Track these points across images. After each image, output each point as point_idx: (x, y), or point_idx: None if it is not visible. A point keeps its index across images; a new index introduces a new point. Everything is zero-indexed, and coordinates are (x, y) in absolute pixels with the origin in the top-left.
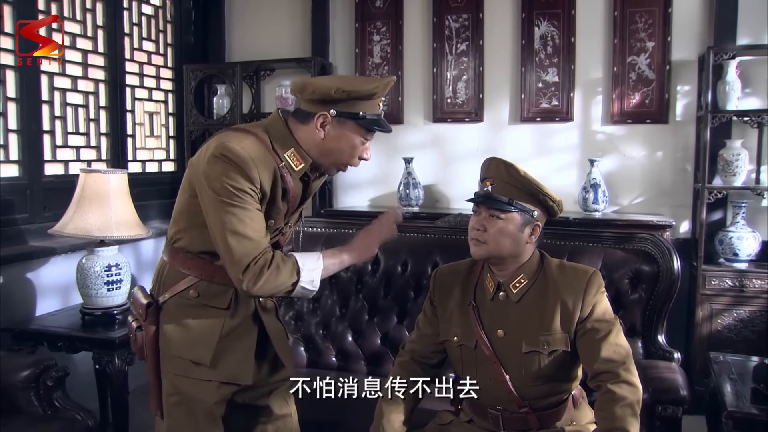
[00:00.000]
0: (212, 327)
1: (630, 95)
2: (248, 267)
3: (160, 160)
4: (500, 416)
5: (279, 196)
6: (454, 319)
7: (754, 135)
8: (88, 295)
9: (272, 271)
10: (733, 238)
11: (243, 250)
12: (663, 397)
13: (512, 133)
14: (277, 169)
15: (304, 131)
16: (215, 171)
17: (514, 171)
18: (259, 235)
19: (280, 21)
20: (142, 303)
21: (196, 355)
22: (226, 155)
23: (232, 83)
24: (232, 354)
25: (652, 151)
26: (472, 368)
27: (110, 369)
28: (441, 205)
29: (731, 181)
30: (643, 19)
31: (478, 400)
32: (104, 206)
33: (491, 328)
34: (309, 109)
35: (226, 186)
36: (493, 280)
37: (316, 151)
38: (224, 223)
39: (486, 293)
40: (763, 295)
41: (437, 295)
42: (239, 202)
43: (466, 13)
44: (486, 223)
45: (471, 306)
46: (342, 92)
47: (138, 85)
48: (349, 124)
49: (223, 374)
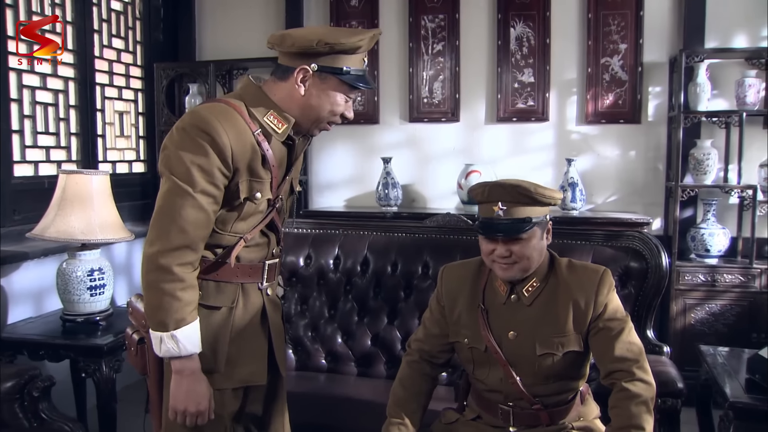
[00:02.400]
0: (221, 330)
1: (604, 96)
2: (164, 254)
3: (131, 160)
4: (511, 412)
5: (259, 164)
6: (463, 321)
7: (722, 135)
8: (69, 300)
9: (173, 288)
10: (705, 234)
11: (176, 241)
12: (661, 390)
13: (488, 133)
14: (252, 135)
15: (282, 89)
16: (179, 145)
17: (524, 190)
18: (197, 238)
19: (253, 19)
20: (143, 313)
21: (207, 363)
22: (194, 123)
23: (205, 82)
24: (245, 355)
25: (625, 151)
26: (484, 368)
27: (97, 377)
28: (417, 204)
29: (702, 180)
30: (616, 21)
31: (488, 397)
32: (87, 209)
33: (503, 331)
34: (288, 63)
35: (188, 166)
36: (505, 284)
37: (296, 110)
38: (171, 206)
39: (497, 296)
40: (733, 290)
41: (445, 294)
42: (197, 193)
43: (442, 14)
44: (510, 247)
45: (480, 309)
46: (324, 44)
47: (108, 84)
48: (331, 80)
49: (237, 379)
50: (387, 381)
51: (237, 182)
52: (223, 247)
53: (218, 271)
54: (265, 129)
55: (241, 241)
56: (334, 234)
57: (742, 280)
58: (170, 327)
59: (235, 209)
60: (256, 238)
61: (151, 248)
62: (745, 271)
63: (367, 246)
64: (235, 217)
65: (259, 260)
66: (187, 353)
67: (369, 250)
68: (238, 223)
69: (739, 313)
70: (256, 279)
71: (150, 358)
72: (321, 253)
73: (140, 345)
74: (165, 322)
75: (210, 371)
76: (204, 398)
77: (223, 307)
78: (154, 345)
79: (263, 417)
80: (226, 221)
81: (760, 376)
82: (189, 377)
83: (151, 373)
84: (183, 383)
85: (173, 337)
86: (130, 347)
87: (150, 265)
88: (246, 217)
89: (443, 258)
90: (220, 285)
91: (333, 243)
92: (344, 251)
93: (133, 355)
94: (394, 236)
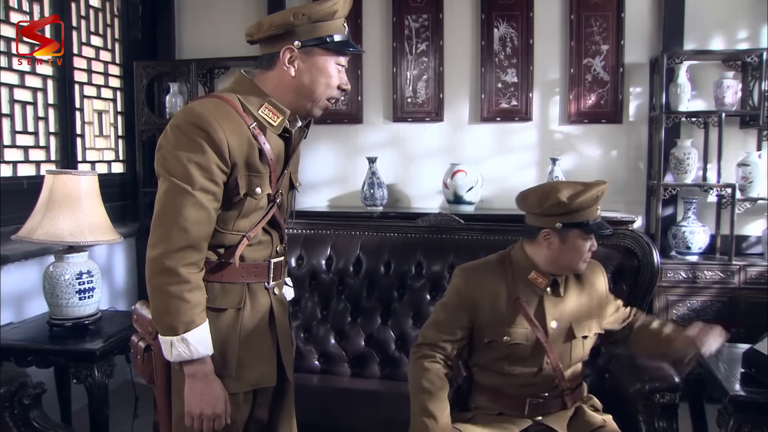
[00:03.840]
0: (229, 332)
1: (586, 96)
2: (168, 256)
3: (110, 161)
4: (541, 404)
5: (256, 158)
6: (501, 319)
7: (701, 135)
8: (57, 304)
9: (180, 290)
10: (686, 232)
11: (178, 241)
12: (659, 385)
13: (472, 133)
14: (248, 129)
15: (272, 78)
16: (175, 144)
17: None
18: (200, 237)
19: (234, 18)
20: (150, 319)
21: (218, 368)
22: (188, 120)
23: (186, 81)
24: (254, 358)
25: (607, 150)
26: (520, 363)
27: (89, 383)
28: (402, 204)
29: (683, 179)
30: (598, 23)
31: (514, 393)
32: (76, 210)
33: (545, 322)
34: (270, 49)
35: (186, 164)
36: (544, 277)
37: (291, 95)
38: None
39: (533, 289)
40: (713, 286)
41: (475, 295)
42: (196, 191)
43: (425, 13)
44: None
45: (519, 301)
46: (302, 15)
47: (87, 82)
48: (317, 52)
49: (248, 382)
50: (381, 381)
51: (236, 177)
52: (225, 246)
53: (223, 272)
54: (260, 122)
55: (244, 240)
56: (325, 234)
57: (721, 276)
58: (180, 330)
59: (236, 206)
60: (258, 236)
61: (153, 251)
62: (725, 267)
63: (359, 246)
64: (237, 214)
65: (264, 259)
66: (199, 356)
67: (361, 250)
68: (239, 221)
69: (719, 308)
70: (262, 278)
71: (157, 365)
72: (313, 253)
73: (147, 353)
74: (174, 325)
75: (220, 376)
76: (219, 401)
77: (229, 309)
78: (164, 350)
79: (270, 423)
80: (227, 219)
81: (756, 370)
82: (202, 380)
83: (159, 381)
84: (197, 387)
85: (184, 340)
86: (137, 355)
87: (154, 269)
88: (247, 214)
89: (436, 257)
90: (225, 286)
91: (325, 243)
92: (336, 251)
93: (140, 364)
94: (386, 236)
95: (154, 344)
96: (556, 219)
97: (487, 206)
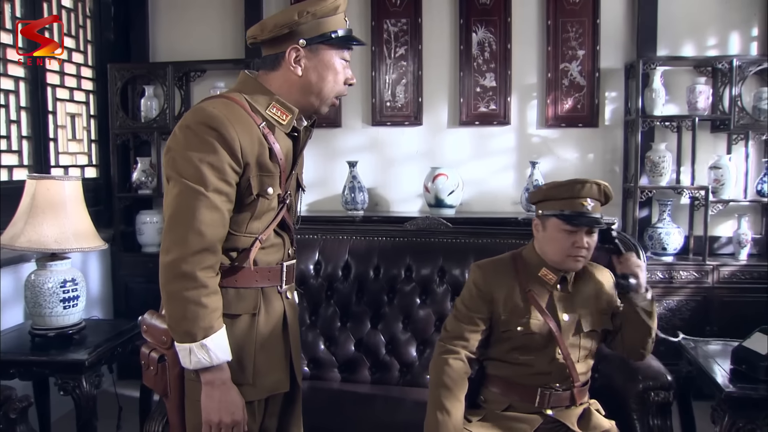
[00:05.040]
0: (246, 339)
1: (563, 100)
2: (184, 260)
3: (83, 165)
4: (550, 394)
5: (267, 157)
6: (516, 310)
7: (674, 138)
8: (40, 314)
9: (197, 295)
10: (662, 233)
11: (194, 245)
12: (652, 383)
13: (451, 137)
14: (258, 129)
15: (277, 78)
16: (186, 145)
17: (608, 191)
18: (215, 239)
19: (210, 21)
20: (163, 329)
21: (234, 376)
22: (199, 120)
23: (163, 84)
24: (270, 363)
25: (584, 154)
26: (533, 353)
27: (77, 394)
28: (381, 208)
29: (658, 181)
30: (574, 28)
31: (527, 382)
32: (60, 216)
33: (556, 314)
34: (274, 50)
35: (198, 165)
36: (554, 274)
37: (299, 93)
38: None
39: (544, 285)
40: (689, 285)
41: (491, 287)
42: (210, 192)
43: (404, 18)
44: (588, 240)
45: (531, 294)
46: (307, 14)
47: (59, 85)
48: (322, 50)
49: (264, 389)
50: (372, 386)
51: (248, 177)
52: (239, 250)
53: (237, 277)
54: (269, 121)
55: (256, 243)
56: (312, 239)
57: (696, 276)
58: (199, 336)
59: (249, 208)
60: (271, 239)
61: (168, 256)
62: (699, 267)
63: (347, 250)
64: (250, 216)
65: (277, 262)
66: (219, 362)
67: (350, 255)
68: (253, 223)
69: (694, 307)
70: (276, 282)
71: (171, 376)
72: (301, 258)
73: (161, 363)
74: (192, 332)
75: (237, 384)
76: (238, 408)
77: (244, 314)
78: (182, 358)
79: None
80: (240, 222)
81: (746, 366)
82: (220, 387)
83: (172, 393)
84: (215, 394)
85: (203, 346)
86: (149, 367)
87: (169, 274)
88: (260, 216)
89: (426, 261)
90: (240, 291)
91: (313, 248)
92: (324, 256)
93: (153, 375)
94: (374, 240)
95: (168, 354)
96: (539, 207)
97: (466, 209)
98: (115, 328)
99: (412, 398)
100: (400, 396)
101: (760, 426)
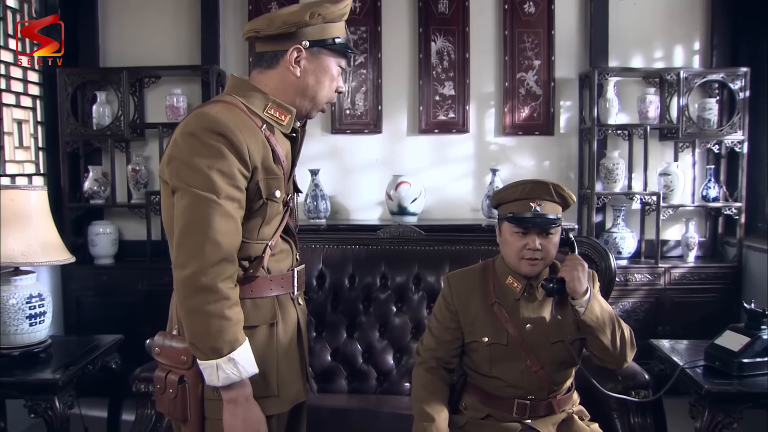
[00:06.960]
0: (267, 350)
1: (520, 109)
2: (204, 273)
3: (30, 174)
4: (528, 405)
5: (271, 160)
6: (479, 321)
7: (626, 146)
8: (4, 332)
9: (220, 308)
10: (617, 238)
11: (212, 256)
12: (632, 383)
13: (411, 144)
14: (260, 131)
15: (273, 78)
16: (191, 153)
17: (561, 190)
18: (232, 248)
19: (163, 25)
20: (181, 348)
21: (259, 389)
22: (203, 126)
23: (117, 90)
24: (291, 373)
25: (540, 161)
26: (502, 364)
27: (50, 416)
28: (341, 216)
29: (612, 188)
30: (530, 39)
31: (502, 394)
32: (26, 228)
33: (520, 324)
34: (274, 48)
35: (207, 172)
36: (519, 282)
37: (294, 95)
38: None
39: (509, 293)
40: (642, 287)
41: (457, 300)
42: (223, 199)
43: (363, 26)
44: (542, 242)
45: (496, 305)
46: (318, 15)
47: (5, 89)
48: (322, 54)
49: (288, 400)
50: (349, 396)
51: (257, 181)
52: (251, 258)
53: (252, 286)
54: (269, 123)
55: (267, 249)
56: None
57: (649, 278)
58: (225, 351)
59: (259, 213)
60: (279, 245)
61: (185, 271)
62: (652, 270)
63: (321, 259)
64: (261, 221)
65: (288, 268)
66: (248, 375)
67: (324, 264)
68: (264, 228)
69: (647, 308)
70: (289, 289)
71: (192, 398)
72: None
73: (181, 385)
74: (217, 347)
75: (264, 397)
76: (262, 425)
77: (261, 325)
78: (209, 375)
79: None
80: (251, 228)
81: (720, 363)
82: (244, 405)
83: (193, 415)
84: (238, 413)
85: (231, 360)
86: (167, 390)
87: (188, 289)
88: (270, 220)
89: (400, 269)
90: (256, 301)
91: None
92: None
93: (171, 399)
94: (347, 249)
95: (188, 374)
96: (498, 211)
97: (427, 216)
98: (82, 345)
99: (391, 405)
100: (378, 406)
101: (737, 419)
